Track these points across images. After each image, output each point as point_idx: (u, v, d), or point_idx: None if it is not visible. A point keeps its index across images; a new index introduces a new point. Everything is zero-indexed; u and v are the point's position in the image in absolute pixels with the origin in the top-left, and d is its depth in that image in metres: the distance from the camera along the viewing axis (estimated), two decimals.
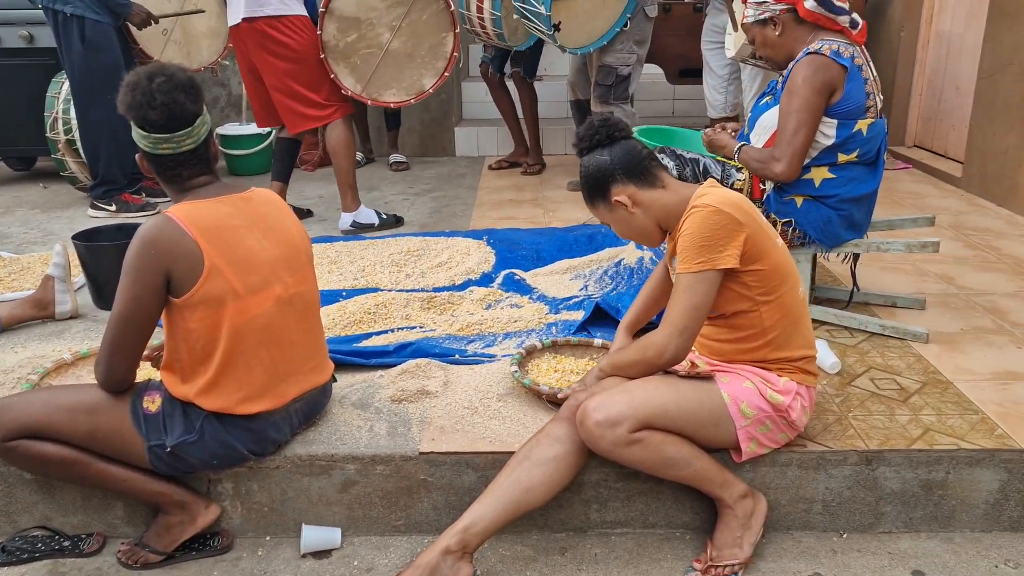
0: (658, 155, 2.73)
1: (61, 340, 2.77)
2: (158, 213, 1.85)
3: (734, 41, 3.61)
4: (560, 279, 3.30)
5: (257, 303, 1.88)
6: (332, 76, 3.80)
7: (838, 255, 2.79)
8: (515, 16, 4.26)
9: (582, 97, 4.78)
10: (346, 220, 4.03)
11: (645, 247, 3.26)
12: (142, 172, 1.93)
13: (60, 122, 4.42)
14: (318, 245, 3.63)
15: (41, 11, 4.41)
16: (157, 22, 4.26)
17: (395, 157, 5.48)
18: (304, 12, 3.75)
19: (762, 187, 2.68)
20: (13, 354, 2.63)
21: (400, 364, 2.47)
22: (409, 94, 3.96)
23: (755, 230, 1.84)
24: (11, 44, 4.72)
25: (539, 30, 4.14)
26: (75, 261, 3.10)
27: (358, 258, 3.54)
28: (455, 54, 3.91)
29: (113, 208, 4.25)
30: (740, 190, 2.68)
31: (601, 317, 2.83)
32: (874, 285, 3.14)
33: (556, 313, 2.93)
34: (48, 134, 4.45)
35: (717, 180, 2.69)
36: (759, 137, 2.69)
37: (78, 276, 3.18)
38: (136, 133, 1.84)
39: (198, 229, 1.80)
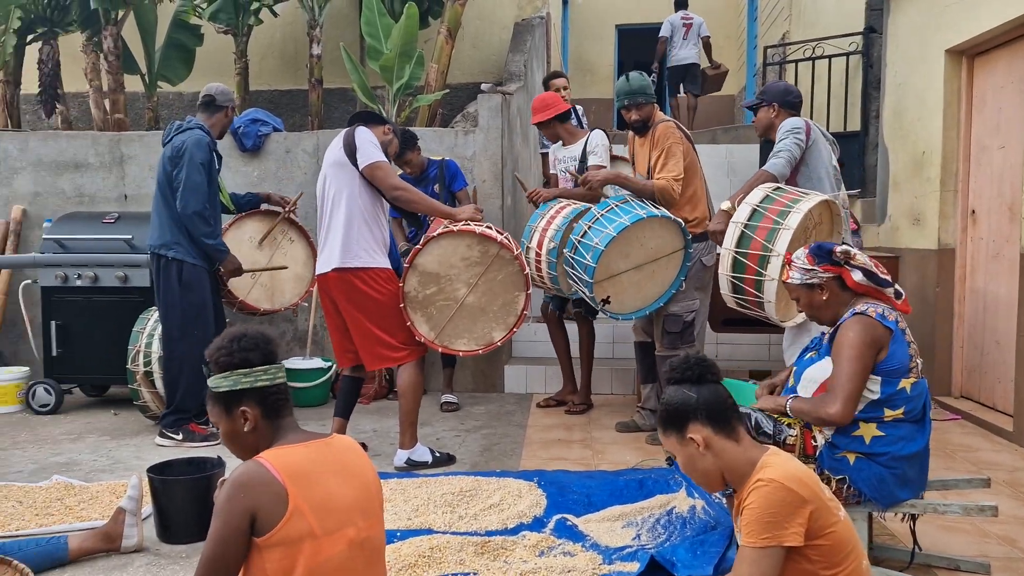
0: None
1: (124, 574, 2.82)
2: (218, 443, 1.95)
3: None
4: (612, 526, 3.30)
5: (331, 544, 1.95)
6: (408, 324, 4.08)
7: (895, 514, 2.78)
8: (571, 289, 4.57)
9: (647, 339, 4.83)
10: (401, 457, 4.14)
11: (696, 494, 3.30)
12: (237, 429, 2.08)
13: (141, 355, 4.75)
14: None
15: (135, 256, 5.18)
16: (241, 274, 4.76)
17: (447, 398, 5.62)
18: (388, 265, 4.12)
19: (814, 443, 2.75)
20: None
21: None
22: (479, 344, 4.20)
23: (819, 506, 1.88)
24: (108, 283, 5.27)
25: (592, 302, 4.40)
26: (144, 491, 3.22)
27: (412, 497, 3.60)
28: (525, 312, 4.18)
29: (180, 437, 4.45)
30: (792, 446, 2.76)
31: (656, 568, 2.81)
32: (934, 545, 3.09)
33: (610, 564, 2.92)
34: (128, 365, 4.77)
35: (769, 435, 2.77)
36: (806, 390, 2.80)
37: (145, 507, 3.28)
38: (250, 378, 2.02)
39: (286, 473, 1.92)
